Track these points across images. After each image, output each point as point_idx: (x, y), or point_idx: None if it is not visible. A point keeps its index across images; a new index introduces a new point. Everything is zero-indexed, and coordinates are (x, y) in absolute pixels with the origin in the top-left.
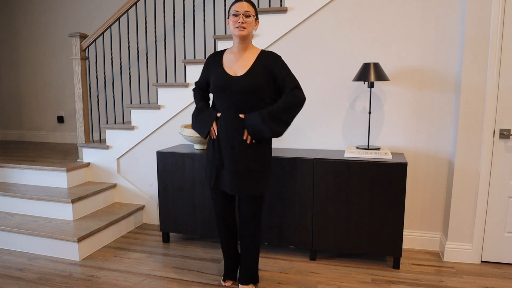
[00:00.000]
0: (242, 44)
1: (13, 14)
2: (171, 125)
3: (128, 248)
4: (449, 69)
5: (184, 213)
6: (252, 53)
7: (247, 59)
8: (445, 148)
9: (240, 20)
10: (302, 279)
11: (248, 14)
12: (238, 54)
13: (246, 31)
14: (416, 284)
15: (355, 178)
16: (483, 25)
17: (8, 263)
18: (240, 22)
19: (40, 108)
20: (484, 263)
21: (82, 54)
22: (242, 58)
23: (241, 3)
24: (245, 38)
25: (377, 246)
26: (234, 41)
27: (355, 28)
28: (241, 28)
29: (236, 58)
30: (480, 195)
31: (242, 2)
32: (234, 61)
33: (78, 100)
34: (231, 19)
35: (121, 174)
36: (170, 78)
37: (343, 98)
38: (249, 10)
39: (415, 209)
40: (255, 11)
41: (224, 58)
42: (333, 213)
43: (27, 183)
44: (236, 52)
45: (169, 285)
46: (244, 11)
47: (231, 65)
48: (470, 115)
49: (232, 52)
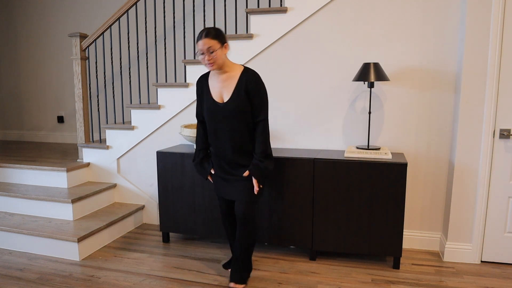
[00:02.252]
0: (220, 70)
1: (13, 14)
2: (171, 125)
3: (128, 248)
4: (449, 69)
5: (184, 213)
6: (232, 73)
7: (229, 81)
8: (445, 148)
9: (206, 58)
10: (302, 279)
11: (212, 50)
12: (219, 77)
13: (215, 65)
14: (416, 284)
15: (355, 178)
16: (483, 25)
17: (8, 263)
18: (207, 60)
19: (40, 108)
20: (484, 263)
21: (82, 54)
22: (222, 80)
23: (202, 41)
24: (219, 67)
25: (377, 246)
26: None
27: (355, 28)
28: (210, 65)
29: (219, 83)
30: (480, 195)
31: (203, 39)
32: (218, 87)
33: (78, 100)
34: (199, 57)
35: (121, 174)
36: (170, 78)
37: (343, 98)
38: (210, 46)
39: (415, 209)
40: (218, 40)
41: (210, 83)
42: (333, 213)
43: (27, 183)
44: (216, 75)
45: (169, 285)
46: (206, 49)
47: (215, 91)
48: (470, 115)
49: (214, 74)
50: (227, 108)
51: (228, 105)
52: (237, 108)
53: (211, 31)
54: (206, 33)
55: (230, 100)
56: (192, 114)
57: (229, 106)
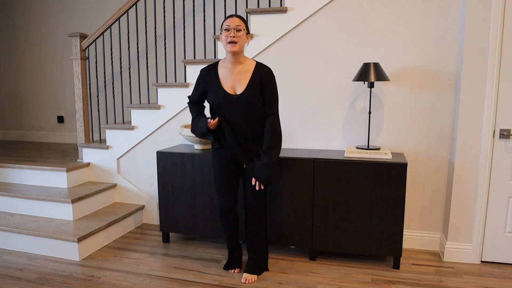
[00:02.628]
0: (235, 59)
1: (13, 14)
2: (171, 125)
3: (128, 248)
4: (449, 69)
5: (184, 213)
6: (247, 66)
7: (243, 73)
8: (445, 148)
9: (232, 34)
10: (302, 279)
11: (239, 28)
12: (232, 68)
13: (237, 46)
14: (416, 284)
15: (355, 178)
16: (483, 26)
17: (8, 263)
18: (232, 36)
19: (40, 108)
20: (484, 263)
21: (82, 54)
22: (237, 72)
23: (232, 18)
24: (237, 53)
25: (377, 246)
26: (227, 56)
27: (355, 28)
28: (233, 43)
29: (232, 74)
30: (480, 195)
31: (233, 17)
32: (231, 78)
33: (78, 100)
34: (223, 34)
35: (121, 174)
36: (170, 78)
37: (343, 98)
38: (239, 25)
39: (415, 209)
40: (245, 26)
41: (219, 73)
42: (333, 213)
43: (27, 183)
44: (230, 66)
45: (169, 285)
46: (235, 25)
47: (228, 82)
48: (470, 115)
49: (226, 66)
50: (241, 100)
51: (242, 97)
52: (251, 100)
53: (242, 16)
54: (238, 15)
55: (245, 92)
56: None
57: (243, 98)
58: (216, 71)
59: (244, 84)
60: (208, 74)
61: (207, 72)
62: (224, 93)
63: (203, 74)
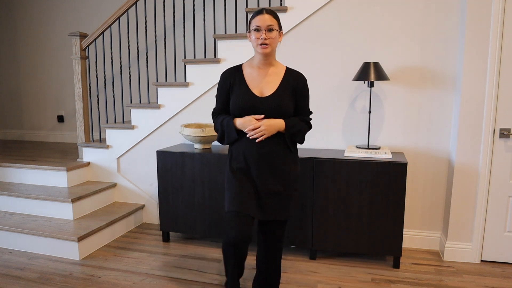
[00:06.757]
0: (266, 61)
1: (13, 14)
2: (171, 124)
3: (128, 248)
4: (449, 68)
5: (184, 212)
6: (277, 70)
7: (273, 76)
8: (445, 148)
9: (263, 36)
10: (302, 279)
11: (271, 28)
12: (262, 70)
13: (269, 48)
14: (416, 283)
15: (355, 178)
16: (483, 25)
17: (8, 262)
18: (263, 39)
19: (40, 108)
20: (484, 262)
21: (82, 54)
22: (267, 75)
23: (262, 16)
24: (269, 55)
25: (377, 246)
26: (256, 56)
27: (355, 27)
28: (264, 45)
29: (260, 76)
30: (480, 195)
31: (264, 14)
32: (258, 79)
33: (78, 99)
34: (253, 34)
35: (121, 173)
36: (170, 77)
37: (343, 97)
38: (271, 24)
39: (415, 208)
40: (278, 22)
41: (245, 75)
42: (333, 213)
43: (27, 183)
44: (260, 68)
45: (169, 284)
46: (266, 26)
47: (255, 84)
48: (470, 114)
49: (254, 67)
50: (268, 102)
51: (270, 100)
52: (281, 104)
53: (273, 11)
54: (268, 10)
55: (274, 95)
56: (192, 113)
57: (271, 101)
58: (241, 71)
59: (273, 87)
60: (231, 74)
61: (229, 73)
62: (250, 94)
63: (225, 76)
